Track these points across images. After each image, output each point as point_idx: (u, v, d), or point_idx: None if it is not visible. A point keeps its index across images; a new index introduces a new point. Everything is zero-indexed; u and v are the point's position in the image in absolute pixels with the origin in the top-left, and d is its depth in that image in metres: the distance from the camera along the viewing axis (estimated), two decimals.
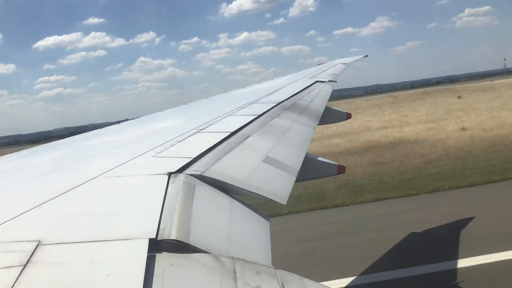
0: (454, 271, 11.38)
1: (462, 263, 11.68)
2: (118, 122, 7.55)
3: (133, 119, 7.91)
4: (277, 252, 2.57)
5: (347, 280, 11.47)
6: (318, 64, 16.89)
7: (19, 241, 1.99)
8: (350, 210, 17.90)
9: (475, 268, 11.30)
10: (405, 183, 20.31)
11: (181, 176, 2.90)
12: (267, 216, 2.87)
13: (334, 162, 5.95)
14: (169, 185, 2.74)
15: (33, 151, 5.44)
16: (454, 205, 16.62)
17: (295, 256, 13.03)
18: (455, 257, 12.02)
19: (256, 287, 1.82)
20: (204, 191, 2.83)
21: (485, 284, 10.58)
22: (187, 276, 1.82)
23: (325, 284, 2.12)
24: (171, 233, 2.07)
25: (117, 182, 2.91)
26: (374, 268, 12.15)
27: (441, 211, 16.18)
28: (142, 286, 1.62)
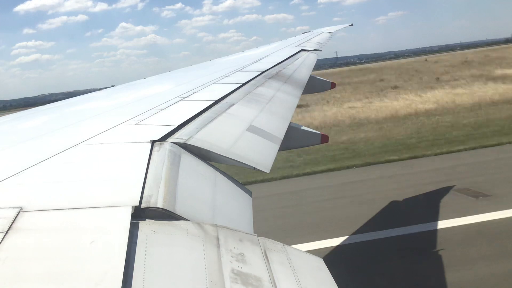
0: None
1: None
2: (104, 88, 7.44)
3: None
4: None
5: None
6: (303, 33, 16.75)
7: (0, 208, 1.97)
8: None
9: None
10: None
11: (166, 145, 2.89)
12: (249, 190, 2.90)
13: (317, 131, 5.98)
14: (153, 153, 2.73)
15: (15, 117, 5.35)
16: None
17: None
18: None
19: (239, 254, 1.84)
20: (189, 160, 2.83)
21: None
22: (171, 243, 1.84)
23: (305, 251, 2.16)
24: (157, 201, 2.07)
25: (100, 150, 2.89)
26: None
27: None
28: (125, 252, 1.63)
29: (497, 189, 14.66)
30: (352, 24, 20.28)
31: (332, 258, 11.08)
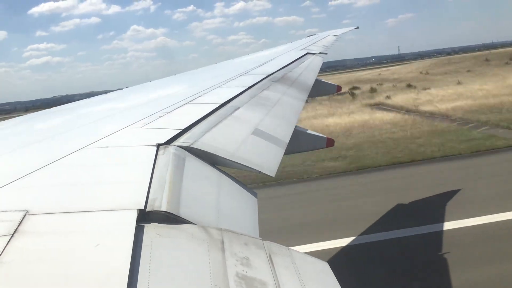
0: None
1: None
2: (118, 90, 7.49)
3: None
4: None
5: None
6: (309, 36, 16.76)
7: (6, 211, 1.98)
8: None
9: None
10: None
11: (171, 148, 2.90)
12: (255, 192, 2.89)
13: (323, 135, 5.98)
14: (158, 156, 2.74)
15: (22, 119, 5.38)
16: None
17: None
18: None
19: (243, 258, 1.84)
20: (193, 164, 2.83)
21: None
22: (176, 247, 1.84)
23: (312, 255, 2.15)
24: (162, 204, 2.07)
25: (105, 153, 2.90)
26: None
27: None
28: (130, 256, 1.63)
29: None
30: (357, 27, 20.30)
31: None
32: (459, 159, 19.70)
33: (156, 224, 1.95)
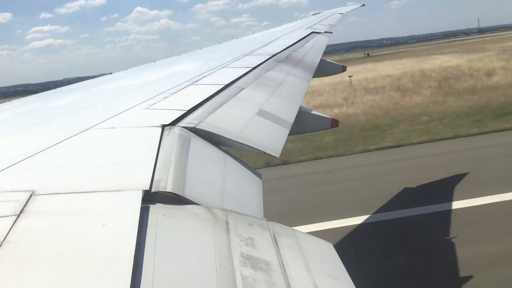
0: None
1: None
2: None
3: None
4: None
5: None
6: (314, 14, 16.55)
7: (12, 191, 1.99)
8: None
9: None
10: None
11: (176, 129, 2.90)
12: (259, 173, 2.90)
13: (327, 116, 5.95)
14: (163, 137, 2.74)
15: (27, 100, 5.39)
16: None
17: None
18: None
19: (248, 238, 1.85)
20: (199, 145, 2.83)
21: None
22: (181, 227, 1.85)
23: (315, 236, 2.17)
24: (167, 185, 2.08)
25: (110, 134, 2.90)
26: None
27: None
28: (136, 236, 1.64)
29: None
30: (363, 5, 19.96)
31: None
32: None
33: (161, 204, 1.96)
